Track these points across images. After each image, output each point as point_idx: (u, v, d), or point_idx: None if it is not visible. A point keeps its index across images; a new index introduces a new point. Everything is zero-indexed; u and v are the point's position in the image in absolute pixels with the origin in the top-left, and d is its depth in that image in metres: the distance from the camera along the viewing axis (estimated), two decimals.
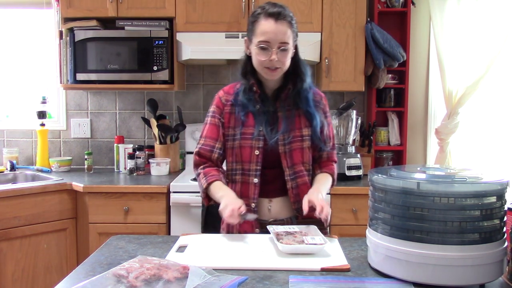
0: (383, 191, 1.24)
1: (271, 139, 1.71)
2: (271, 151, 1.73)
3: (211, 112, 1.81)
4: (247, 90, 1.74)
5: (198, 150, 1.79)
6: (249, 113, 1.74)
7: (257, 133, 1.72)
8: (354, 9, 2.92)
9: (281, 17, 1.63)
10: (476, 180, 1.20)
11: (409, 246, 1.18)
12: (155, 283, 1.14)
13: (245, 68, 1.76)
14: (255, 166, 1.73)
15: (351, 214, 2.69)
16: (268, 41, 1.63)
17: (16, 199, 2.59)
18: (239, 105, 1.75)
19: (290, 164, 1.74)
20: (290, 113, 1.75)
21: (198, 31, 2.91)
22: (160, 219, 2.69)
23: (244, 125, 1.74)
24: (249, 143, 1.73)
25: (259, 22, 1.65)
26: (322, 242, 1.45)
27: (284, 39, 1.64)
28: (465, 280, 1.15)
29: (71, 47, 2.94)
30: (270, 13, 1.63)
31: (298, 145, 1.75)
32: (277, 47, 1.64)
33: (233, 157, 1.77)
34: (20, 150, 3.37)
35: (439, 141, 3.07)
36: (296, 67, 1.75)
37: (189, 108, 3.36)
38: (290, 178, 1.74)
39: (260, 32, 1.64)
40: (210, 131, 1.79)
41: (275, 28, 1.63)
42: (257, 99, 1.74)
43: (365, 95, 3.30)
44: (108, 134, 3.39)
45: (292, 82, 1.75)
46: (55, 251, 2.74)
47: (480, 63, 2.93)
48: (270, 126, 1.73)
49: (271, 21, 1.63)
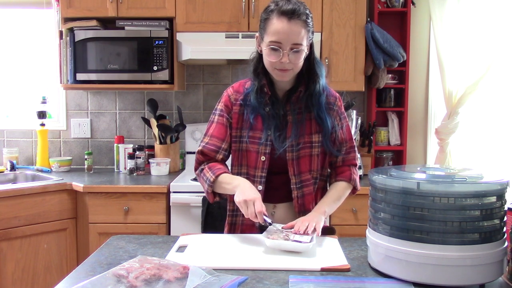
0: (383, 191, 1.24)
1: (280, 146, 1.63)
2: (278, 157, 1.65)
3: (219, 110, 1.71)
4: (258, 91, 1.64)
5: (202, 149, 1.69)
6: (258, 116, 1.65)
7: (265, 138, 1.64)
8: (354, 9, 2.92)
9: (295, 16, 1.51)
10: (476, 180, 1.20)
11: (409, 246, 1.18)
12: (155, 283, 1.14)
13: (256, 67, 1.66)
14: (260, 173, 1.66)
15: (351, 214, 2.69)
16: (280, 42, 1.52)
17: (16, 199, 2.59)
18: (248, 106, 1.66)
19: (297, 172, 1.66)
20: (300, 117, 1.66)
21: (198, 31, 2.91)
22: (160, 219, 2.69)
23: (252, 128, 1.66)
24: (256, 148, 1.65)
25: (271, 21, 1.54)
26: (307, 241, 1.42)
27: (297, 40, 1.52)
28: (465, 280, 1.15)
29: (71, 47, 2.94)
30: (284, 11, 1.51)
31: (307, 152, 1.66)
32: (289, 49, 1.53)
33: (237, 160, 1.70)
34: (20, 150, 3.37)
35: (439, 141, 3.07)
36: (310, 68, 1.65)
37: (189, 108, 3.36)
38: (296, 187, 1.66)
39: (272, 31, 1.53)
40: (217, 131, 1.68)
41: (288, 28, 1.51)
42: (267, 101, 1.65)
43: (365, 95, 3.30)
44: (108, 134, 3.39)
45: (305, 84, 1.65)
46: (55, 251, 2.74)
47: (480, 63, 2.93)
48: (278, 131, 1.64)
49: (284, 21, 1.51)
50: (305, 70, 1.65)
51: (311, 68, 1.65)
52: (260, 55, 1.63)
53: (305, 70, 1.65)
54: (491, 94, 3.08)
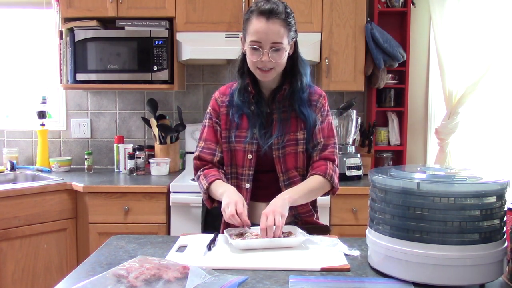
0: (383, 191, 1.24)
1: (265, 143, 1.65)
2: (264, 155, 1.67)
3: (209, 114, 1.77)
4: (242, 91, 1.68)
5: (199, 154, 1.74)
6: (243, 115, 1.68)
7: (250, 136, 1.67)
8: (354, 9, 2.92)
9: (273, 15, 1.54)
10: (476, 180, 1.20)
11: (409, 246, 1.18)
12: (155, 283, 1.14)
13: (241, 67, 1.70)
14: (248, 171, 1.68)
15: (351, 214, 2.69)
16: (259, 41, 1.56)
17: (16, 199, 2.59)
18: (233, 106, 1.70)
19: (284, 169, 1.67)
20: (285, 115, 1.68)
21: (198, 31, 2.91)
22: (160, 219, 2.69)
23: (238, 127, 1.69)
24: (242, 147, 1.68)
25: (251, 21, 1.58)
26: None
27: (277, 39, 1.55)
28: (465, 280, 1.15)
29: (71, 47, 2.94)
30: (262, 11, 1.55)
31: (292, 150, 1.68)
32: (269, 48, 1.56)
33: (228, 160, 1.72)
34: (20, 150, 3.37)
35: (439, 141, 3.07)
36: (293, 66, 1.67)
37: (189, 108, 3.36)
38: (284, 184, 1.68)
39: (252, 31, 1.57)
40: (209, 134, 1.74)
41: (266, 27, 1.54)
42: (252, 100, 1.68)
43: (365, 95, 3.30)
44: (108, 134, 3.39)
45: (289, 82, 1.67)
46: (55, 251, 2.74)
47: (480, 63, 2.93)
48: (264, 129, 1.67)
49: (263, 20, 1.54)
50: (289, 68, 1.67)
51: (295, 66, 1.67)
52: (245, 56, 1.66)
53: (289, 69, 1.67)
54: (491, 94, 3.08)
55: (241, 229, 1.56)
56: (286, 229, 1.57)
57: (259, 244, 1.46)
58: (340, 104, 3.04)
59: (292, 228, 1.58)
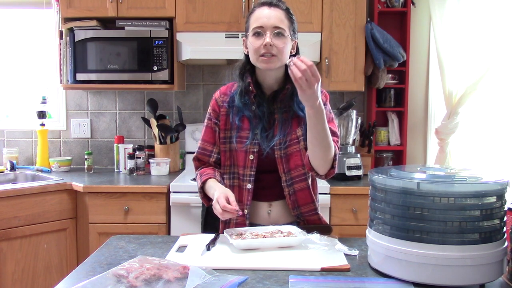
0: (383, 191, 1.24)
1: (267, 146, 1.66)
2: (267, 156, 1.67)
3: (208, 114, 1.78)
4: (243, 93, 1.68)
5: (197, 155, 1.78)
6: (244, 117, 1.69)
7: (252, 137, 1.67)
8: (354, 9, 2.92)
9: (275, 5, 1.61)
10: (476, 180, 1.20)
11: (409, 246, 1.18)
12: (155, 283, 1.14)
13: (243, 68, 1.70)
14: (249, 171, 1.69)
15: (351, 214, 2.69)
16: (262, 26, 1.58)
17: (16, 199, 2.59)
18: (234, 108, 1.70)
19: (286, 169, 1.68)
20: (287, 115, 1.68)
21: (198, 31, 2.91)
22: (160, 219, 2.69)
23: (239, 128, 1.69)
24: (244, 148, 1.69)
25: (253, 14, 1.63)
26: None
27: (279, 24, 1.58)
28: (465, 280, 1.15)
29: (71, 47, 2.94)
30: (264, 2, 1.62)
31: (295, 148, 1.68)
32: (271, 32, 1.57)
33: (227, 160, 1.73)
34: (20, 150, 3.37)
35: (439, 141, 3.07)
36: None
37: (189, 108, 3.36)
38: (287, 184, 1.68)
39: (254, 20, 1.61)
40: (207, 135, 1.76)
41: (268, 13, 1.59)
42: (253, 100, 1.68)
43: (365, 95, 3.30)
44: (108, 134, 3.39)
45: (291, 82, 1.66)
46: (55, 251, 2.74)
47: (480, 63, 2.93)
48: (266, 130, 1.67)
49: (265, 8, 1.61)
50: None
51: None
52: (247, 57, 1.68)
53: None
54: (491, 94, 3.08)
55: (241, 229, 1.56)
56: (286, 229, 1.57)
57: (259, 244, 1.46)
58: (340, 104, 3.04)
59: (292, 228, 1.59)
